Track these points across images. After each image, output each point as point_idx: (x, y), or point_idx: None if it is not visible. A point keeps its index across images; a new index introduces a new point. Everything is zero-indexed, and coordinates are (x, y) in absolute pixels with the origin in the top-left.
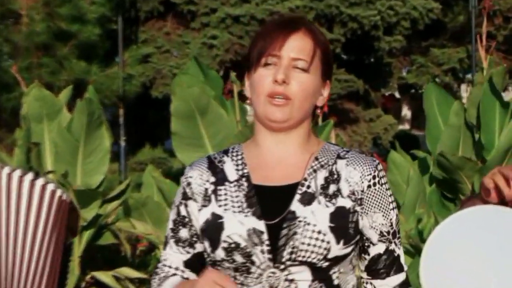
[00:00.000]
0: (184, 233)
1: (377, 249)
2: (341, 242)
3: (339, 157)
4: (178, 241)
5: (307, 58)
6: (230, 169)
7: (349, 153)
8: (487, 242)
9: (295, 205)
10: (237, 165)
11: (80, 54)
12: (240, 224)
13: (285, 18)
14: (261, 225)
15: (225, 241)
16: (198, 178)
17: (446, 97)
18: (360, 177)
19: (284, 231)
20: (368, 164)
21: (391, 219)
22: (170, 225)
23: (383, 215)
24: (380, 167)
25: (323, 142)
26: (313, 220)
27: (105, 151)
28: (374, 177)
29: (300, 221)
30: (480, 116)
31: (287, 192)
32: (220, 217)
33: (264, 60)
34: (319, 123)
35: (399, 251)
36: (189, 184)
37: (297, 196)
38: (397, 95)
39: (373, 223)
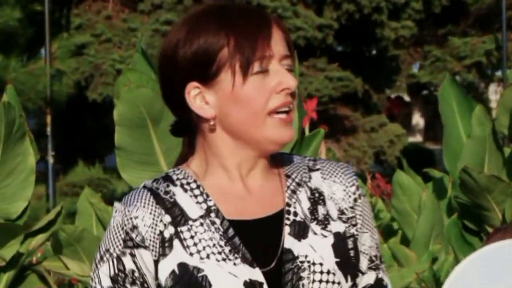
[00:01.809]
0: None
1: (367, 279)
2: (349, 279)
3: (310, 169)
4: None
5: (291, 54)
6: (186, 202)
7: (318, 162)
8: None
9: (288, 241)
10: (195, 196)
11: None
12: (232, 277)
13: (244, 6)
14: (257, 274)
15: None
16: (147, 219)
17: (469, 99)
18: (344, 190)
19: (287, 277)
20: (347, 173)
21: (376, 239)
22: (105, 283)
23: (370, 235)
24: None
25: (278, 153)
26: (316, 257)
27: (28, 171)
28: (357, 188)
29: (302, 262)
30: None
31: (271, 225)
32: (198, 269)
33: (257, 66)
34: (305, 133)
35: (387, 280)
36: (134, 227)
37: (287, 229)
38: (406, 97)
39: (362, 246)
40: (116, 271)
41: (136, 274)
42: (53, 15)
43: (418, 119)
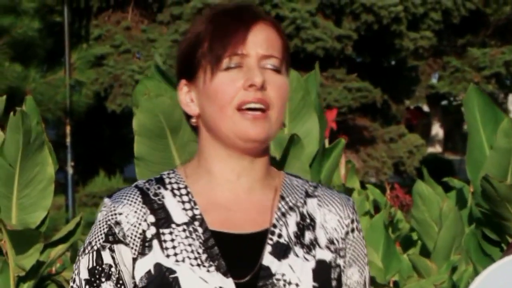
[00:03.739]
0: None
1: None
2: None
3: (308, 195)
4: None
5: (277, 54)
6: (173, 207)
7: (318, 189)
8: None
9: (268, 259)
10: (183, 202)
11: (14, 55)
12: (203, 282)
13: (230, 7)
14: (229, 284)
15: None
16: (131, 216)
17: (493, 108)
18: (338, 221)
19: None
20: (345, 205)
21: (365, 277)
22: (83, 275)
23: (359, 270)
24: (355, 207)
25: (282, 173)
26: (294, 278)
27: (47, 181)
28: (352, 221)
29: (278, 280)
30: None
31: (253, 242)
32: (171, 271)
33: (226, 63)
34: (325, 145)
35: None
36: (118, 223)
37: (268, 248)
38: (425, 108)
39: (347, 279)
40: (94, 264)
41: (113, 269)
42: (72, 26)
43: (437, 130)
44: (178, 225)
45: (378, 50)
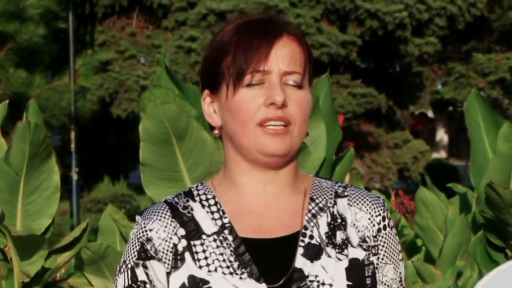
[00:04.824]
0: None
1: None
2: None
3: (337, 195)
4: None
5: (299, 70)
6: (203, 218)
7: (348, 189)
8: None
9: (300, 261)
10: (212, 212)
11: (19, 61)
12: None
13: (256, 19)
14: None
15: None
16: (162, 231)
17: (494, 114)
18: (369, 219)
19: None
20: (375, 202)
21: (400, 273)
22: None
23: (394, 267)
24: (386, 204)
25: (310, 176)
26: (327, 278)
27: (53, 189)
28: (383, 219)
29: (311, 281)
30: None
31: (285, 245)
32: (205, 281)
33: (248, 79)
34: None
35: None
36: (149, 239)
37: (300, 250)
38: (430, 114)
39: (383, 277)
40: (130, 282)
41: (148, 286)
42: (77, 32)
43: (442, 135)
44: (208, 235)
45: (382, 56)
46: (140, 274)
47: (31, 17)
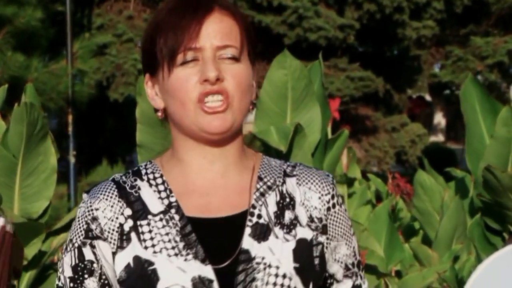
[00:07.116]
0: (91, 284)
1: (342, 287)
2: (310, 285)
3: (286, 174)
4: None
5: (235, 43)
6: (149, 197)
7: (296, 168)
8: None
9: (247, 242)
10: (159, 191)
11: (17, 44)
12: (180, 272)
13: None
14: (208, 271)
15: None
16: (108, 211)
17: (490, 99)
18: (319, 198)
19: (240, 277)
20: (324, 181)
21: (354, 247)
22: (67, 273)
23: (346, 244)
24: (334, 182)
25: (260, 154)
26: (274, 260)
27: (50, 170)
28: (333, 197)
29: (258, 263)
30: None
31: (232, 225)
32: (150, 262)
33: (181, 58)
34: (328, 135)
35: (366, 285)
36: (95, 219)
37: (248, 230)
38: (427, 97)
39: (336, 254)
40: (77, 261)
41: (95, 265)
42: (74, 16)
43: (439, 119)
44: (154, 215)
45: (380, 40)
46: (87, 253)
47: (28, 1)
